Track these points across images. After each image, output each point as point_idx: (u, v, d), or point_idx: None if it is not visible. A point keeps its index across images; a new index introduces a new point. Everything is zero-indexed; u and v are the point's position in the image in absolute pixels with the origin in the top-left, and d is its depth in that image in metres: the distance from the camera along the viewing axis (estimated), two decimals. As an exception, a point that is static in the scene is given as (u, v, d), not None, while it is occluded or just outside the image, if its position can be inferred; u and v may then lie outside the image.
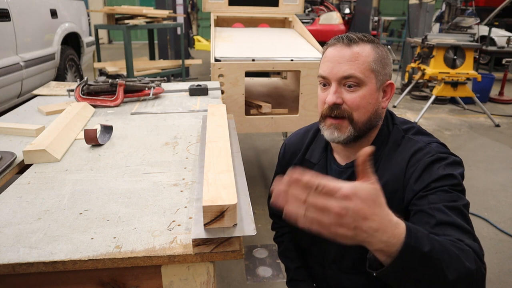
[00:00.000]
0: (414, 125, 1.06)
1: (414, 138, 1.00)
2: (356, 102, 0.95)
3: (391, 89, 1.02)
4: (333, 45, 0.99)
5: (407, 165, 0.95)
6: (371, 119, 0.98)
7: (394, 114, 1.09)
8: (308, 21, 7.72)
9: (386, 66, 0.99)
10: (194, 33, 10.60)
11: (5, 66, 2.99)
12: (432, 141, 0.99)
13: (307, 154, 1.16)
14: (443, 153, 0.95)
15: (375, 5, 13.12)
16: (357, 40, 0.96)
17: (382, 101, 1.01)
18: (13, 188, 1.00)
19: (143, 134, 1.43)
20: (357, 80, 0.94)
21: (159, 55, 6.74)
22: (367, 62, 0.95)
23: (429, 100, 4.96)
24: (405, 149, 0.99)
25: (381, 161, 1.01)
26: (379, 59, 0.97)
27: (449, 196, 0.86)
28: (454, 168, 0.92)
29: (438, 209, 0.84)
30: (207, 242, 0.75)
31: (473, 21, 6.66)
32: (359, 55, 0.95)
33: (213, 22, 3.41)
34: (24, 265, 0.71)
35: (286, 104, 2.81)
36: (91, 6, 11.79)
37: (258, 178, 3.33)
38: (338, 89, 0.96)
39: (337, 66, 0.95)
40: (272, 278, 2.09)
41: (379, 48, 0.98)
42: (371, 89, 0.96)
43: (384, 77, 0.99)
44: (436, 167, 0.91)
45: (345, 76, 0.94)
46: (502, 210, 2.85)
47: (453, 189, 0.88)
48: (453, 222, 0.81)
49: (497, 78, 6.50)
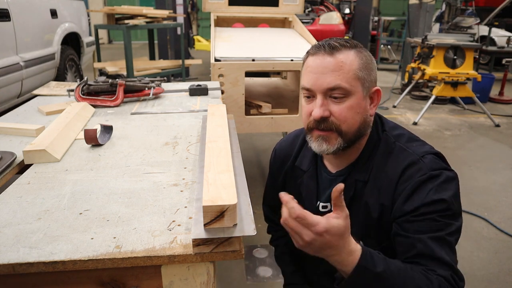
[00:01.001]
0: (404, 132, 1.02)
1: (407, 148, 0.96)
2: (344, 114, 0.92)
3: (377, 96, 0.99)
4: (314, 54, 0.93)
5: (399, 180, 0.92)
6: (360, 129, 0.95)
7: (383, 118, 1.05)
8: (308, 21, 7.71)
9: (372, 71, 0.95)
10: (194, 33, 10.61)
11: (5, 66, 2.99)
12: (426, 153, 0.95)
13: (297, 161, 1.13)
14: (436, 169, 0.91)
15: (375, 5, 13.11)
16: (339, 47, 0.91)
17: (370, 108, 0.97)
18: (13, 188, 1.00)
19: (143, 134, 1.43)
20: (344, 91, 0.90)
21: (159, 55, 6.74)
22: (353, 70, 0.91)
23: (429, 100, 4.96)
24: (398, 160, 0.95)
25: (372, 170, 0.98)
26: (364, 66, 0.93)
27: (436, 225, 0.85)
28: (446, 187, 0.89)
29: (421, 240, 0.85)
30: (207, 242, 0.75)
31: (473, 21, 6.66)
32: (343, 63, 0.90)
33: (213, 22, 3.41)
34: (24, 265, 0.71)
35: (286, 104, 2.81)
36: (91, 6, 11.79)
37: (258, 178, 3.33)
38: (324, 102, 0.92)
39: (322, 77, 0.91)
40: (272, 278, 2.09)
41: (362, 53, 0.94)
42: (358, 98, 0.92)
43: (370, 84, 0.95)
44: (427, 189, 0.88)
45: (330, 87, 0.90)
46: (502, 210, 2.85)
47: (442, 215, 0.86)
48: (432, 255, 0.83)
49: (497, 78, 6.50)
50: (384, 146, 0.99)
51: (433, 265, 0.82)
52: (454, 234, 0.87)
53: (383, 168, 0.96)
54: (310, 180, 1.09)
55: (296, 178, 1.13)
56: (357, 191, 0.99)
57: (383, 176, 0.95)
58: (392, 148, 0.98)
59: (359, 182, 0.99)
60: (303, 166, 1.11)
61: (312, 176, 1.09)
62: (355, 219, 0.91)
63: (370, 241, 0.96)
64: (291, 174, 1.16)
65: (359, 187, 0.99)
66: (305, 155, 1.12)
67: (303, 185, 1.10)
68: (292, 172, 1.15)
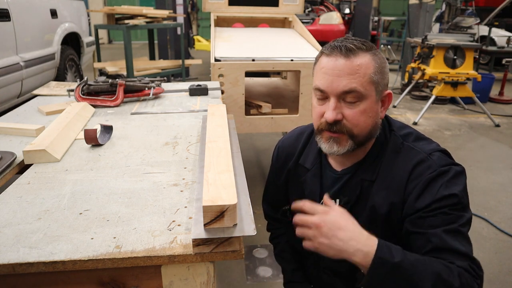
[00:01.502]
0: (411, 130, 1.03)
1: (414, 147, 0.97)
2: (357, 118, 0.92)
3: (388, 99, 0.99)
4: (330, 55, 0.92)
5: (408, 178, 0.93)
6: (371, 132, 0.96)
7: (390, 119, 1.06)
8: (308, 21, 7.71)
9: (385, 75, 0.96)
10: (194, 33, 10.60)
11: (5, 66, 2.98)
12: (433, 150, 0.96)
13: (301, 159, 1.13)
14: (445, 165, 0.92)
15: (375, 5, 13.11)
16: (355, 50, 0.90)
17: (380, 111, 0.98)
18: (13, 188, 1.00)
19: (143, 134, 1.43)
20: (358, 95, 0.90)
21: (159, 55, 6.74)
22: (368, 75, 0.90)
23: (429, 100, 4.96)
24: (406, 159, 0.96)
25: (380, 170, 0.98)
26: (379, 69, 0.93)
27: (448, 218, 0.87)
28: (456, 182, 0.90)
29: (436, 234, 0.86)
30: (207, 242, 0.75)
31: (473, 21, 6.66)
32: (359, 67, 0.89)
33: (213, 22, 3.41)
34: (24, 265, 0.71)
35: (286, 104, 2.81)
36: (91, 6, 11.79)
37: (258, 178, 3.32)
38: (337, 105, 0.92)
39: (337, 80, 0.90)
40: (272, 278, 2.09)
41: (377, 56, 0.94)
42: (371, 102, 0.93)
43: (383, 87, 0.96)
44: (438, 185, 0.89)
45: (345, 90, 0.90)
46: (502, 210, 2.85)
47: (454, 209, 0.87)
48: (448, 247, 0.84)
49: (497, 78, 6.50)
50: (392, 146, 0.99)
51: (451, 257, 0.83)
52: (466, 225, 0.88)
53: (392, 167, 0.97)
54: (314, 178, 1.09)
55: (300, 176, 1.13)
56: (364, 190, 1.00)
57: (392, 175, 0.96)
58: (400, 148, 0.98)
59: (365, 181, 1.00)
60: (307, 164, 1.11)
61: (316, 175, 1.09)
62: (360, 218, 0.93)
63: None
64: (294, 172, 1.15)
65: (366, 186, 0.99)
66: (309, 153, 1.12)
67: (307, 183, 1.10)
68: (295, 170, 1.15)
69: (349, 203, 1.00)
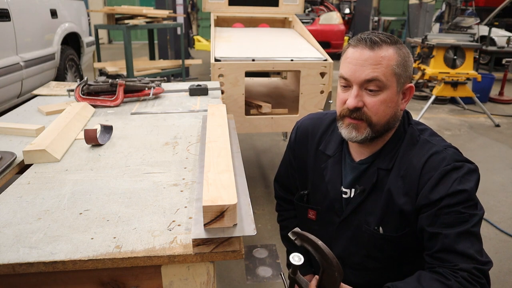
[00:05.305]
0: (427, 127, 1.07)
1: (431, 140, 1.01)
2: (376, 107, 0.96)
3: (410, 92, 1.02)
4: (356, 46, 0.97)
5: (423, 167, 0.96)
6: (389, 122, 0.99)
7: (410, 114, 1.09)
8: (308, 21, 7.72)
9: (408, 68, 0.99)
10: (194, 33, 10.60)
11: (5, 66, 2.98)
12: (447, 146, 0.99)
13: (321, 145, 1.16)
14: (459, 161, 0.95)
15: (375, 5, 13.10)
16: (380, 43, 0.94)
17: (401, 103, 1.01)
18: (13, 188, 1.00)
19: (143, 134, 1.43)
20: (380, 84, 0.94)
21: (159, 55, 6.74)
22: (390, 66, 0.94)
23: (429, 100, 4.96)
24: (422, 151, 0.99)
25: (397, 159, 1.02)
26: (402, 63, 0.96)
27: (461, 217, 0.90)
28: (469, 179, 0.93)
29: (447, 235, 0.89)
30: (207, 242, 0.75)
31: (473, 21, 6.66)
32: (382, 58, 0.94)
33: (213, 22, 3.41)
34: (24, 265, 0.71)
35: (286, 104, 2.80)
36: (91, 6, 11.79)
37: (258, 178, 3.32)
38: (359, 93, 0.96)
39: (360, 69, 0.94)
40: (272, 278, 2.09)
41: (401, 50, 0.97)
42: (392, 93, 0.96)
43: (405, 80, 0.99)
44: (452, 179, 0.92)
45: (367, 79, 0.94)
46: (502, 210, 2.85)
47: (466, 206, 0.90)
48: (455, 250, 0.88)
49: (497, 78, 6.50)
50: (409, 138, 1.03)
51: (456, 259, 0.87)
52: (478, 224, 0.91)
53: (408, 158, 1.00)
54: (336, 165, 1.12)
55: (320, 162, 1.16)
56: (380, 178, 1.03)
57: (408, 164, 0.99)
58: (417, 140, 1.02)
59: (381, 171, 1.03)
60: (329, 151, 1.14)
61: (338, 162, 1.12)
62: (375, 206, 0.98)
63: (388, 228, 1.00)
64: (314, 158, 1.17)
65: (382, 175, 1.02)
66: (330, 140, 1.15)
67: (327, 170, 1.13)
68: (316, 158, 1.17)
69: (364, 192, 1.04)
